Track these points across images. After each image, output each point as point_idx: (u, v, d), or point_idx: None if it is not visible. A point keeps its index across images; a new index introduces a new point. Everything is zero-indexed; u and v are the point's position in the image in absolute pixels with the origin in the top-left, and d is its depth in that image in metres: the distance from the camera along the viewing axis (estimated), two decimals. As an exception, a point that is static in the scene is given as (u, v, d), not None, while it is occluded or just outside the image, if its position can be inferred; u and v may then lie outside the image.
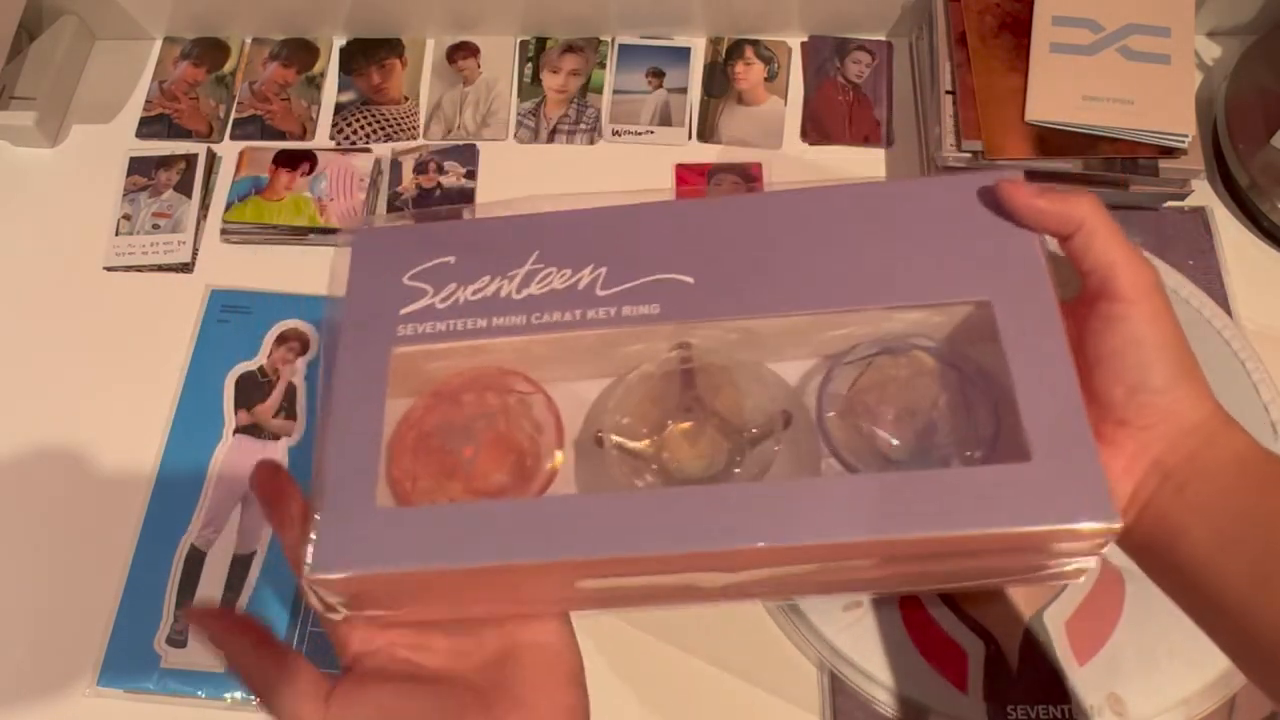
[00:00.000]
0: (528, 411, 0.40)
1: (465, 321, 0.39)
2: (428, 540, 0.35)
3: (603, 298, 0.39)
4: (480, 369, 0.40)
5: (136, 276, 0.67)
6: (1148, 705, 0.50)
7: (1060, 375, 0.35)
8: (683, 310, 0.38)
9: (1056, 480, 0.34)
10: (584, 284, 0.39)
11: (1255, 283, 0.62)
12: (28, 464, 0.61)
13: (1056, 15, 0.62)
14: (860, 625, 0.52)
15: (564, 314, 0.39)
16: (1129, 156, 0.60)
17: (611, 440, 0.39)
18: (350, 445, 0.37)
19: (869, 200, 0.40)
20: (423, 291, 0.40)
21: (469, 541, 0.35)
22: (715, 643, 0.54)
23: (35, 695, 0.55)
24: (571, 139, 0.70)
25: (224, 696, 0.54)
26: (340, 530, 0.35)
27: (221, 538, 0.58)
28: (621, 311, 0.38)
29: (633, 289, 0.39)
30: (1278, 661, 0.33)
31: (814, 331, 0.39)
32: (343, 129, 0.71)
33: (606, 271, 0.39)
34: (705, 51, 0.73)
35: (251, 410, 0.61)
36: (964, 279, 0.38)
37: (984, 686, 0.51)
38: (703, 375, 0.40)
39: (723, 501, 0.35)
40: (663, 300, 0.38)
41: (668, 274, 0.39)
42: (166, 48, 0.75)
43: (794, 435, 0.39)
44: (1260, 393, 0.56)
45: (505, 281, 0.39)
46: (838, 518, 0.34)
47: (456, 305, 0.39)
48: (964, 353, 0.39)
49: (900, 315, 0.39)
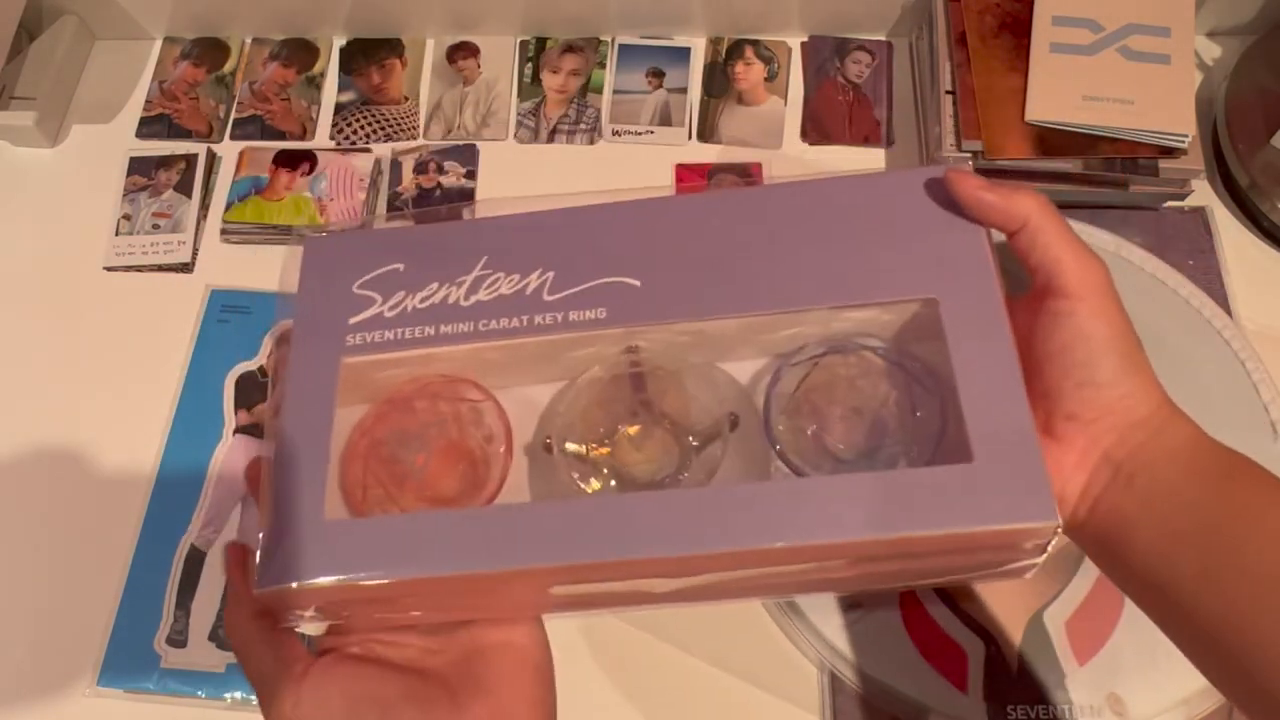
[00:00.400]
0: (478, 419, 0.40)
1: (413, 330, 0.39)
2: (375, 551, 0.35)
3: (550, 302, 0.38)
4: (431, 377, 0.40)
5: (136, 276, 0.67)
6: (1148, 705, 0.50)
7: (1004, 375, 0.35)
8: (630, 314, 0.38)
9: (998, 481, 0.33)
10: (531, 289, 0.39)
11: (1255, 283, 0.62)
12: (28, 464, 0.61)
13: (1056, 15, 0.62)
14: (860, 625, 0.52)
15: (511, 320, 0.38)
16: (1129, 156, 0.60)
17: (560, 446, 0.39)
18: (298, 457, 0.37)
19: (817, 197, 0.40)
20: (371, 300, 0.40)
21: (417, 551, 0.35)
22: (715, 643, 0.54)
23: (35, 695, 0.55)
24: (571, 139, 0.70)
25: (224, 696, 0.54)
26: (287, 542, 0.35)
27: (221, 538, 0.58)
28: (569, 317, 0.38)
29: (579, 293, 0.38)
30: (1223, 653, 0.34)
31: (764, 331, 0.39)
32: (343, 129, 0.71)
33: (554, 276, 0.39)
34: (705, 51, 0.73)
35: (251, 410, 0.61)
36: (912, 277, 0.38)
37: (984, 686, 0.51)
38: (651, 379, 0.39)
39: (669, 507, 0.35)
40: (609, 304, 0.38)
41: (615, 277, 0.39)
42: (166, 48, 0.75)
43: (743, 436, 0.39)
44: (1260, 393, 0.56)
45: (453, 288, 0.39)
46: (782, 523, 0.34)
47: (405, 313, 0.39)
48: (911, 351, 0.39)
49: (849, 314, 0.39)
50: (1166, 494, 0.35)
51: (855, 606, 0.53)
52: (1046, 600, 0.52)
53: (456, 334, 0.38)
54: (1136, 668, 0.50)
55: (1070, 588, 0.52)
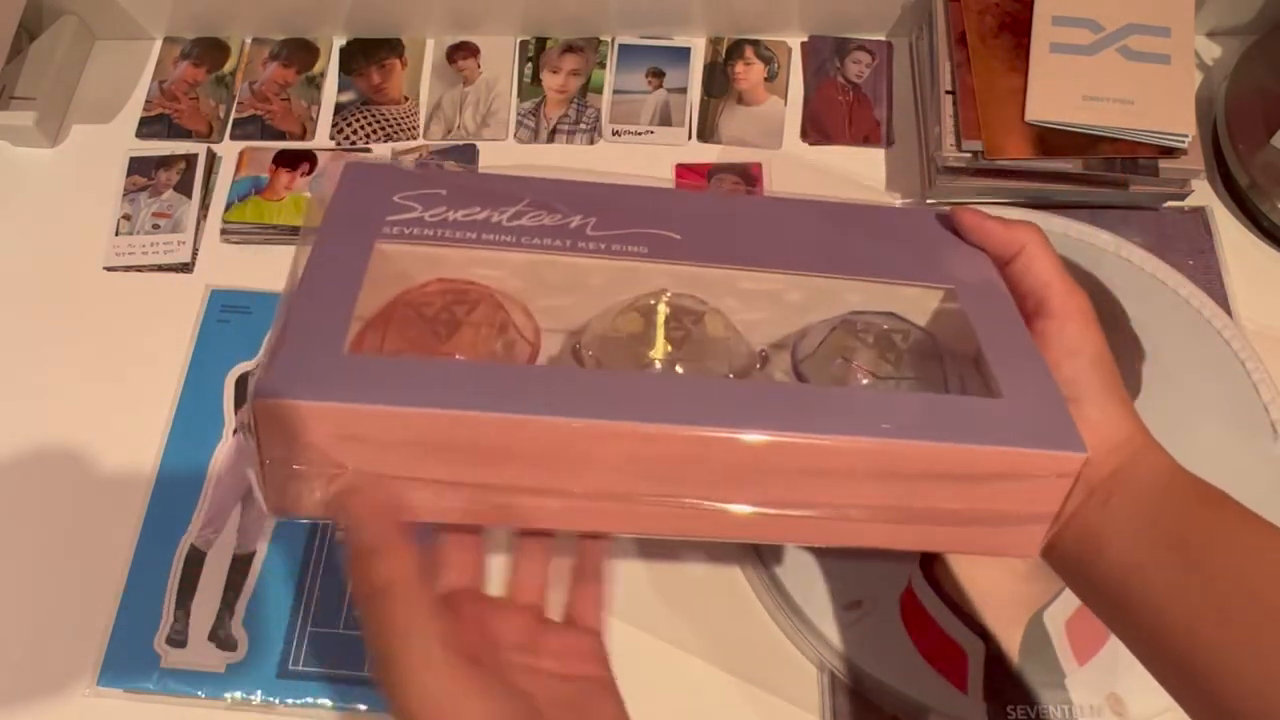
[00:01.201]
0: (508, 314, 0.40)
1: (454, 232, 0.39)
2: (393, 383, 0.33)
3: (593, 236, 0.40)
4: (470, 281, 0.40)
5: (136, 276, 0.67)
6: (1148, 705, 0.50)
7: (1024, 346, 0.37)
8: (669, 254, 0.40)
9: (1030, 416, 0.35)
10: (574, 225, 0.40)
11: (1255, 283, 0.62)
12: (28, 464, 0.61)
13: (1056, 15, 0.62)
14: (860, 625, 0.52)
15: (554, 241, 0.40)
16: (1129, 156, 0.60)
17: (589, 355, 0.40)
18: (321, 304, 0.35)
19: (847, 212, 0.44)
20: (412, 208, 0.40)
21: (437, 389, 0.33)
22: (715, 643, 0.54)
23: (35, 695, 0.55)
24: (571, 139, 0.70)
25: (224, 696, 0.54)
26: (301, 361, 0.33)
27: (221, 538, 0.58)
28: (611, 248, 0.40)
29: (622, 234, 0.40)
30: (1187, 669, 0.34)
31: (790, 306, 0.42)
32: (343, 129, 0.71)
33: (596, 220, 0.41)
34: (705, 51, 0.73)
35: (251, 410, 0.61)
36: (929, 272, 0.41)
37: (984, 686, 0.51)
38: (678, 317, 0.41)
39: (710, 388, 0.36)
40: (650, 245, 0.40)
41: (657, 229, 0.41)
42: (166, 48, 0.75)
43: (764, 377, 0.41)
44: (1260, 393, 0.56)
45: (495, 212, 0.40)
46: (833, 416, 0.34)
47: (445, 221, 0.40)
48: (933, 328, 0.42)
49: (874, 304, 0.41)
50: (1142, 517, 0.36)
51: (855, 606, 0.53)
52: (1046, 600, 0.52)
53: (498, 243, 0.39)
54: (1136, 668, 0.50)
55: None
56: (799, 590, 0.53)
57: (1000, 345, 0.37)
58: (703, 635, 0.54)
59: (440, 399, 0.32)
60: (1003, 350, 0.37)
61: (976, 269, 0.41)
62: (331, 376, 0.33)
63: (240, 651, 0.55)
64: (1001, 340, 0.37)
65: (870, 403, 0.35)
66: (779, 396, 0.35)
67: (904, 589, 0.53)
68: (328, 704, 0.53)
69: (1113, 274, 0.60)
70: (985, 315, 0.39)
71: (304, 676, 0.54)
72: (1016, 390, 0.35)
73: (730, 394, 0.35)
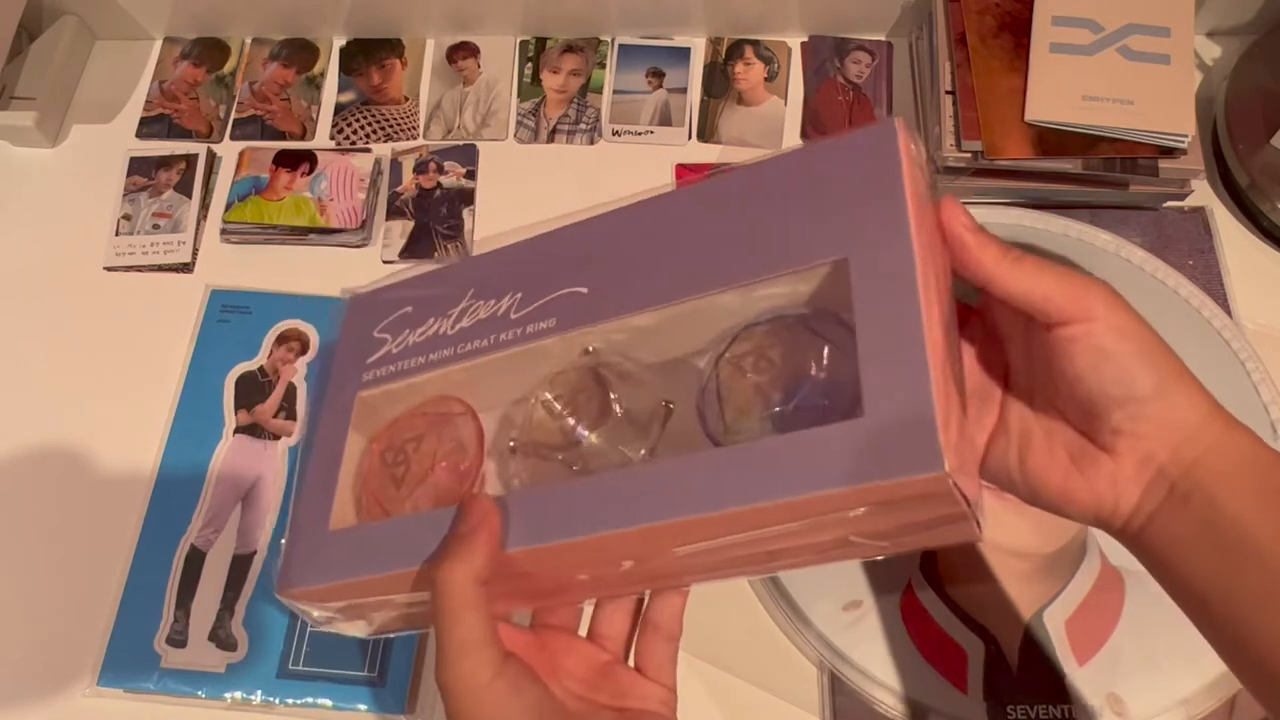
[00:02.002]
0: (453, 432, 0.43)
1: (411, 361, 0.44)
2: (361, 553, 0.40)
3: (514, 320, 0.42)
4: (425, 400, 0.44)
5: (136, 276, 0.67)
6: (1148, 705, 0.50)
7: (906, 330, 0.33)
8: (576, 319, 0.41)
9: (889, 436, 0.32)
10: (502, 310, 0.43)
11: (1255, 283, 0.62)
12: (28, 464, 0.61)
13: (1056, 15, 0.62)
14: (860, 625, 0.52)
15: (482, 341, 0.42)
16: (1129, 156, 0.60)
17: (521, 444, 0.42)
18: (314, 480, 0.43)
19: (748, 180, 0.40)
20: (384, 341, 0.45)
21: (388, 550, 0.39)
22: (715, 643, 0.54)
23: (35, 695, 0.55)
24: (571, 139, 0.70)
25: (224, 696, 0.54)
26: (300, 550, 0.41)
27: (221, 538, 0.58)
28: (526, 330, 0.42)
29: (536, 309, 0.42)
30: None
31: (706, 319, 0.40)
32: (343, 129, 0.71)
33: (521, 296, 0.43)
34: (705, 51, 0.73)
35: (251, 410, 0.61)
36: (826, 243, 0.37)
37: (984, 686, 0.51)
38: (595, 379, 0.42)
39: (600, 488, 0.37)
40: (560, 314, 0.41)
41: (566, 289, 0.42)
42: (166, 48, 0.75)
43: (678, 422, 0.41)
44: (1260, 393, 0.56)
45: (444, 320, 0.44)
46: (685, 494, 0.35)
47: (407, 348, 0.44)
48: (835, 315, 0.38)
49: (767, 290, 0.38)
50: (1222, 519, 0.34)
51: (855, 606, 0.53)
52: (1046, 600, 0.52)
53: (441, 359, 0.43)
54: (1136, 668, 0.50)
55: (1070, 588, 0.52)
56: (799, 590, 0.53)
57: (878, 339, 0.34)
58: (702, 635, 0.54)
59: (390, 560, 0.39)
60: (879, 345, 0.34)
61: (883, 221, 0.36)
62: (322, 557, 0.41)
63: (240, 651, 0.55)
64: (881, 334, 0.34)
65: (749, 462, 0.34)
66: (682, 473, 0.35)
67: (904, 589, 0.53)
68: (328, 704, 0.53)
69: (1113, 274, 0.59)
70: (873, 302, 0.34)
71: (304, 676, 0.54)
72: (879, 402, 0.33)
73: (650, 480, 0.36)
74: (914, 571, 0.53)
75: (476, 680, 0.34)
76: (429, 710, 0.54)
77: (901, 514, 0.34)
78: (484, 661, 0.34)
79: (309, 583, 0.40)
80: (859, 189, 0.37)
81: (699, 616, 0.54)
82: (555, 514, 0.37)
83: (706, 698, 0.53)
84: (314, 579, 0.40)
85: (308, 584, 0.40)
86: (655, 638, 0.42)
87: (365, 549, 0.40)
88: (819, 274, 0.37)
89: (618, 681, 0.40)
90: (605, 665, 0.41)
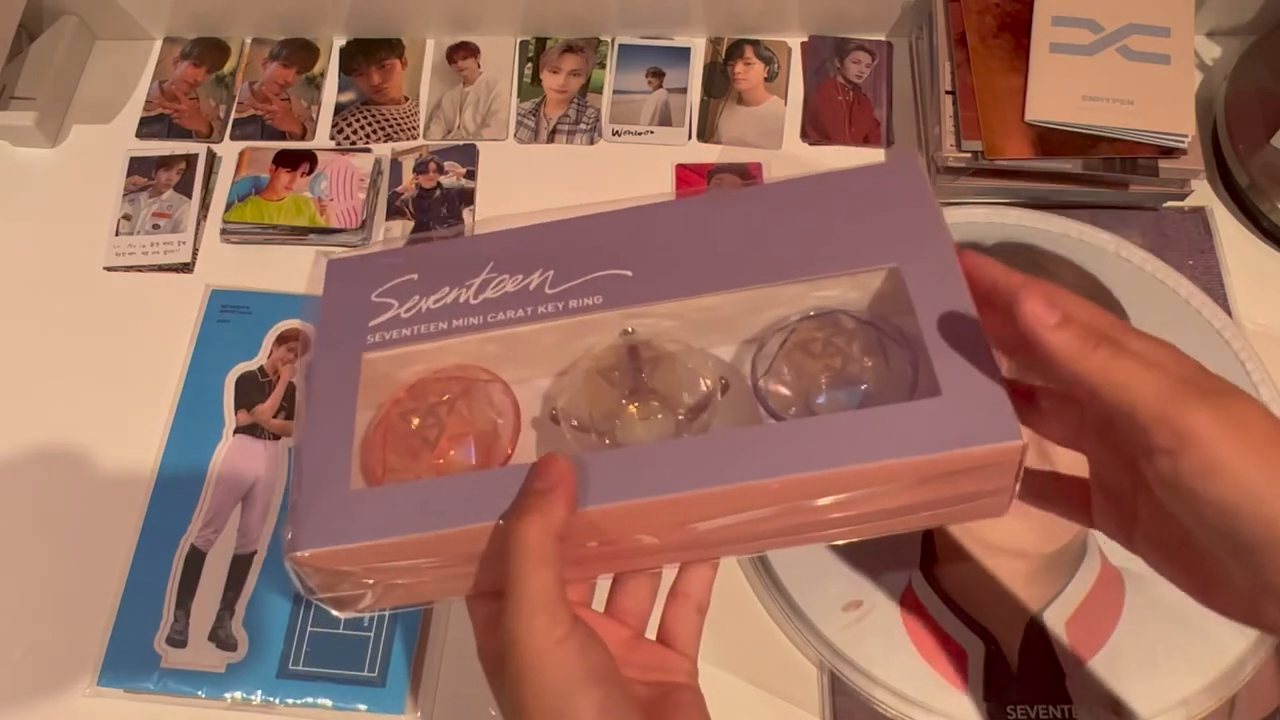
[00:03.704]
0: (488, 397, 0.42)
1: (428, 326, 0.42)
2: (396, 513, 0.37)
3: (551, 295, 0.42)
4: (443, 367, 0.43)
5: (136, 276, 0.67)
6: (1148, 705, 0.50)
7: (965, 323, 0.38)
8: (623, 298, 0.41)
9: (969, 411, 0.36)
10: (534, 285, 0.42)
11: (1255, 283, 0.62)
12: (28, 464, 0.61)
13: (1056, 15, 0.62)
14: (860, 625, 0.52)
15: (516, 311, 0.42)
16: (1129, 156, 0.60)
17: (565, 415, 0.41)
18: (325, 439, 0.40)
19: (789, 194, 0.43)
20: (389, 305, 0.43)
21: (432, 511, 0.37)
22: (715, 643, 0.54)
23: (35, 695, 0.55)
24: (571, 139, 0.70)
25: (224, 696, 0.54)
26: (317, 511, 0.38)
27: (221, 538, 0.58)
28: (568, 304, 0.41)
29: (577, 285, 0.42)
30: None
31: (745, 316, 0.42)
32: (343, 129, 0.71)
33: (553, 274, 0.42)
34: (705, 51, 0.73)
35: (251, 410, 0.61)
36: (876, 252, 0.41)
37: (984, 686, 0.51)
38: (645, 357, 0.42)
39: (670, 453, 0.37)
40: (605, 292, 0.41)
41: (608, 270, 0.42)
42: (166, 48, 0.75)
43: (730, 403, 0.42)
44: (1260, 393, 0.56)
45: (463, 290, 0.43)
46: (775, 459, 0.36)
47: (420, 314, 0.43)
48: (882, 314, 0.42)
49: (820, 293, 0.42)
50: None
51: (855, 606, 0.53)
52: (1046, 600, 0.52)
53: (467, 327, 0.42)
54: (1136, 668, 0.50)
55: (1070, 588, 0.52)
56: (799, 590, 0.53)
57: (943, 332, 0.38)
58: (703, 635, 0.54)
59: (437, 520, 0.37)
60: (944, 337, 0.38)
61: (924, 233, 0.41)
62: (344, 518, 0.38)
63: (240, 651, 0.55)
64: (944, 327, 0.38)
65: (830, 432, 0.37)
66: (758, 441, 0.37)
67: (904, 589, 0.53)
68: (328, 704, 0.53)
69: (1113, 274, 0.60)
70: (930, 301, 0.39)
71: (304, 676, 0.54)
72: (955, 383, 0.37)
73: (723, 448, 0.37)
74: (914, 571, 0.53)
75: (550, 637, 0.33)
76: (429, 710, 0.54)
77: (960, 484, 0.37)
78: (558, 619, 0.34)
79: (330, 543, 0.37)
80: (894, 206, 0.41)
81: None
82: (640, 473, 0.37)
83: (706, 698, 0.53)
84: (336, 540, 0.37)
85: (329, 545, 0.37)
86: (686, 607, 0.42)
87: (401, 509, 0.38)
88: (864, 278, 0.41)
89: (645, 655, 0.40)
90: (629, 640, 0.41)
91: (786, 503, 0.38)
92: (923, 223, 0.41)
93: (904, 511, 0.40)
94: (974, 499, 0.39)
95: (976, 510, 0.40)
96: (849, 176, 0.43)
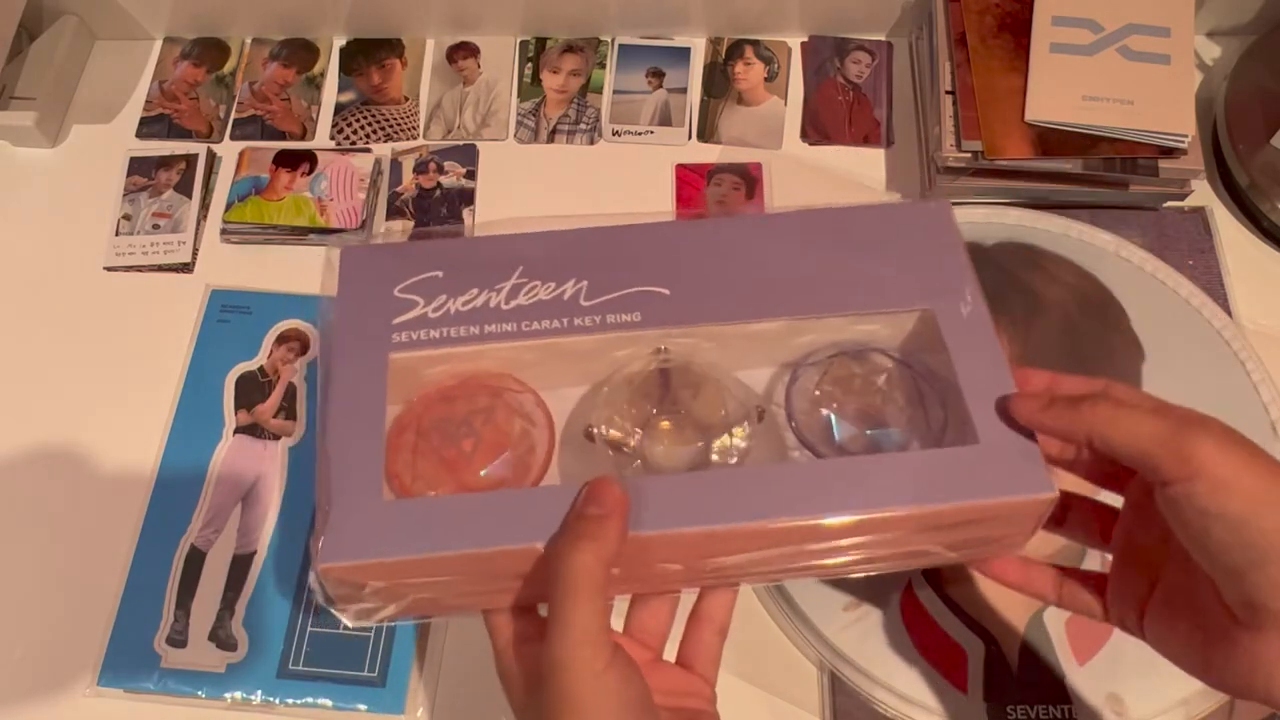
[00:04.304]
0: (521, 409, 0.42)
1: (458, 329, 0.41)
2: (432, 529, 0.37)
3: (587, 308, 0.41)
4: (472, 373, 0.42)
5: (136, 276, 0.67)
6: (1148, 705, 0.50)
7: (998, 371, 0.39)
8: (662, 318, 0.41)
9: (1004, 462, 0.37)
10: (568, 295, 0.42)
11: (1255, 283, 0.62)
12: (28, 464, 0.61)
13: (1056, 15, 0.62)
14: (860, 625, 0.52)
15: (552, 322, 0.41)
16: (1129, 156, 0.60)
17: (601, 433, 0.41)
18: (354, 445, 0.39)
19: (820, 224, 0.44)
20: (414, 303, 0.42)
21: (471, 528, 0.37)
22: (715, 643, 0.54)
23: (35, 695, 0.55)
24: (571, 139, 0.70)
25: (224, 696, 0.54)
26: (349, 522, 0.37)
27: (221, 538, 0.58)
28: (606, 319, 0.41)
29: (614, 299, 0.42)
30: None
31: (777, 341, 0.43)
32: (343, 129, 0.71)
33: (588, 285, 0.42)
34: (705, 51, 0.73)
35: (251, 410, 0.61)
36: (909, 293, 0.42)
37: (984, 686, 0.51)
38: (680, 378, 0.42)
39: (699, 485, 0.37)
40: (643, 309, 0.41)
41: (646, 287, 0.42)
42: (166, 48, 0.75)
43: (764, 432, 0.42)
44: (1260, 393, 0.56)
45: (493, 294, 0.42)
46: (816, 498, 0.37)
47: (448, 315, 0.42)
48: (914, 354, 0.42)
49: (854, 327, 0.42)
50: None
51: (855, 606, 0.53)
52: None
53: (501, 333, 0.41)
54: (1136, 668, 0.50)
55: (1070, 588, 0.52)
56: (799, 590, 0.53)
57: (977, 380, 0.39)
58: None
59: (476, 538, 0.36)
60: (979, 385, 0.39)
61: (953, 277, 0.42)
62: (377, 531, 0.37)
63: (240, 651, 0.55)
64: (979, 374, 0.39)
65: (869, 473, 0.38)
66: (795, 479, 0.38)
67: (904, 589, 0.53)
68: (328, 704, 0.53)
69: (1113, 274, 0.60)
70: (964, 348, 0.40)
71: (304, 676, 0.54)
72: (991, 433, 0.38)
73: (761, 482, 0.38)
74: (914, 572, 0.53)
75: (593, 666, 0.33)
76: (429, 711, 0.54)
77: (986, 529, 0.39)
78: (602, 648, 0.34)
79: (363, 557, 0.36)
80: (926, 247, 0.43)
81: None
82: (676, 503, 0.37)
83: (706, 698, 0.53)
84: (370, 553, 0.36)
85: (362, 558, 0.36)
86: (708, 629, 0.42)
87: (438, 524, 0.37)
88: (899, 317, 0.42)
89: (666, 679, 0.40)
90: (650, 663, 0.41)
91: (820, 541, 0.38)
92: (955, 269, 0.42)
93: (926, 552, 0.40)
94: (995, 542, 0.40)
95: (993, 550, 0.41)
96: (882, 212, 0.44)
